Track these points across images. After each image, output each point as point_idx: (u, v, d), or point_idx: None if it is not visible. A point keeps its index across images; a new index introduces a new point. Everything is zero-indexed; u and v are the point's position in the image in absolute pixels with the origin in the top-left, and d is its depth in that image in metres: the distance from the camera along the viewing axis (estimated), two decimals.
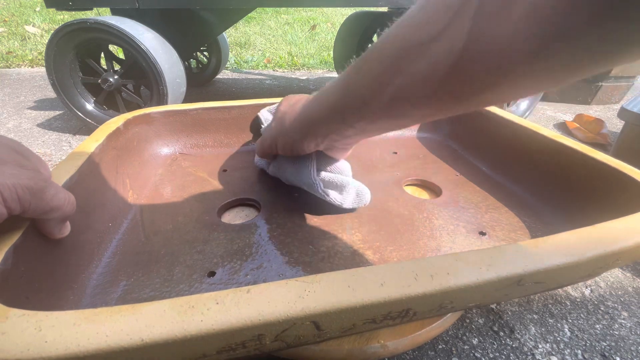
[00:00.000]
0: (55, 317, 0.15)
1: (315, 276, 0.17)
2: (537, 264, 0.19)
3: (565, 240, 0.21)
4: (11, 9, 2.02)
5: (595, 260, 0.20)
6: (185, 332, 0.15)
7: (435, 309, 0.19)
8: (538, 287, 0.21)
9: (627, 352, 0.29)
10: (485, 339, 0.30)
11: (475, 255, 0.19)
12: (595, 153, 0.33)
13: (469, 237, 0.32)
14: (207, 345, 0.16)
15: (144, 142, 0.42)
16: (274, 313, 0.16)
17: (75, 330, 0.15)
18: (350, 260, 0.29)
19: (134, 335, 0.14)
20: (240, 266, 0.28)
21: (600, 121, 0.79)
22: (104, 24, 0.61)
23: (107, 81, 0.68)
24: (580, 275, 0.22)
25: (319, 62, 1.55)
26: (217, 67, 1.14)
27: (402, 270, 0.18)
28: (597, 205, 0.32)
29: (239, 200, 0.38)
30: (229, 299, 0.16)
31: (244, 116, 0.47)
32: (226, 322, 0.15)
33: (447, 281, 0.17)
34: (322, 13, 2.48)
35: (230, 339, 0.16)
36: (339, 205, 0.33)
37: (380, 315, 0.18)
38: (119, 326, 0.15)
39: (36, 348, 0.14)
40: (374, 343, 0.23)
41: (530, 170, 0.39)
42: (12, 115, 0.85)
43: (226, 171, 0.43)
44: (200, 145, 0.47)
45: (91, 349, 0.14)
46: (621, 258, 0.21)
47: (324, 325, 0.17)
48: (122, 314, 0.15)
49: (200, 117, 0.46)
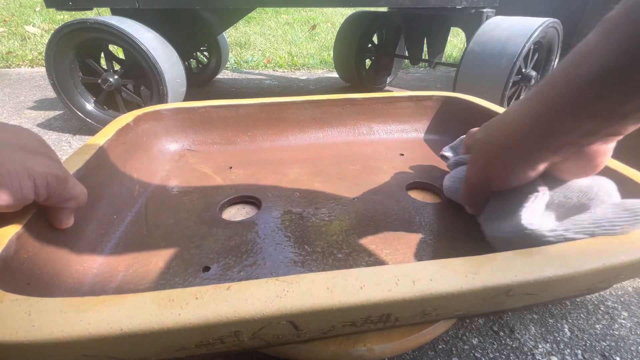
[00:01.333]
0: (45, 303, 0.16)
1: (295, 276, 0.18)
2: (527, 274, 0.18)
3: (562, 252, 0.20)
4: (11, 9, 2.01)
5: (593, 274, 0.19)
6: (163, 324, 0.15)
7: (419, 315, 0.19)
8: (531, 299, 0.20)
9: (627, 352, 0.29)
10: (485, 339, 0.30)
11: (462, 262, 0.19)
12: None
13: (468, 244, 0.31)
14: (185, 338, 0.16)
15: (153, 138, 0.44)
16: (250, 311, 0.16)
17: (61, 317, 0.15)
18: (344, 262, 0.29)
19: (114, 325, 0.15)
20: (234, 263, 0.29)
21: None
22: (104, 24, 0.61)
23: (107, 81, 0.68)
24: (577, 289, 0.21)
25: (319, 62, 1.54)
26: (217, 67, 1.14)
27: (384, 275, 0.18)
28: None
29: (241, 197, 0.38)
30: (209, 294, 0.17)
31: (251, 114, 0.48)
32: (202, 317, 0.15)
33: (428, 287, 0.17)
34: (322, 13, 2.46)
35: (208, 334, 0.16)
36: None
37: (360, 318, 0.18)
38: (101, 315, 0.15)
39: (24, 331, 0.15)
40: (361, 346, 0.23)
41: None
42: (12, 115, 0.86)
43: (231, 168, 0.44)
44: (207, 142, 0.48)
45: (74, 335, 0.15)
46: (623, 273, 0.20)
47: (301, 325, 0.17)
48: (106, 303, 0.16)
49: (209, 114, 0.47)
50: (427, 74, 1.44)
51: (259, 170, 0.43)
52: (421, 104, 0.52)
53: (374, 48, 1.09)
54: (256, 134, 0.49)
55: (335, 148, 0.49)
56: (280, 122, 0.49)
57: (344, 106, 0.50)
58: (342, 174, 0.42)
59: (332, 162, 0.45)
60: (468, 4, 0.75)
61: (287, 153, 0.47)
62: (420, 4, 0.72)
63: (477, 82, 0.71)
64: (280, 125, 0.49)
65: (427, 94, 0.51)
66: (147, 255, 0.29)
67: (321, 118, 0.50)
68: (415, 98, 0.51)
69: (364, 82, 1.11)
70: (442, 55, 0.96)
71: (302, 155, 0.47)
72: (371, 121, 0.52)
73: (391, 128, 0.52)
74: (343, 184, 0.40)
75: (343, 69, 1.10)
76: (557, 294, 0.20)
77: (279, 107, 0.48)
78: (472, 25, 0.79)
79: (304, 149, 0.48)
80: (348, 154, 0.47)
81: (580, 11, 0.92)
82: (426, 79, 1.35)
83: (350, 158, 0.46)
